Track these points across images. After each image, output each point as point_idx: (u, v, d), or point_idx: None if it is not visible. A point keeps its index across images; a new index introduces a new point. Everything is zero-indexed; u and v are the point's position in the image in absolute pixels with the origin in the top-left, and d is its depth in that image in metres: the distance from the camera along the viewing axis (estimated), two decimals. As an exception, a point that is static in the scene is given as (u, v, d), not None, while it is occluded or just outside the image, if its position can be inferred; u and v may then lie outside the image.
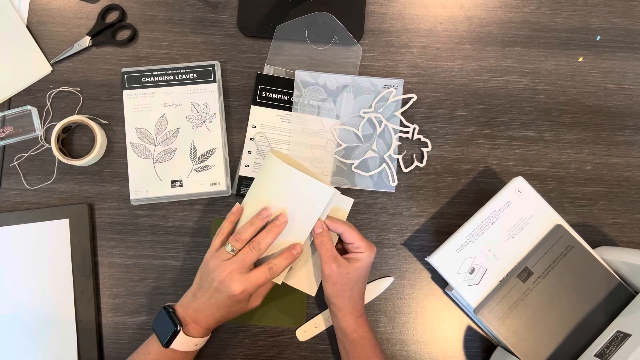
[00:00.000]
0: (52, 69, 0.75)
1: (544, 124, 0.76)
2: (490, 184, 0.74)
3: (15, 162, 0.73)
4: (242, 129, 0.74)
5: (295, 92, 0.74)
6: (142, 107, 0.73)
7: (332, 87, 0.75)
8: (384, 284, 0.71)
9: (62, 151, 0.71)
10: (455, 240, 0.64)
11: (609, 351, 0.59)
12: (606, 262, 0.65)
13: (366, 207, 0.73)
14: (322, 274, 0.63)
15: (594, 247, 0.67)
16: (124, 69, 0.74)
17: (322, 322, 0.70)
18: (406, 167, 0.74)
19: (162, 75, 0.74)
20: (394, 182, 0.73)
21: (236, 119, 0.75)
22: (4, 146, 0.74)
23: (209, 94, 0.74)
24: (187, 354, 0.61)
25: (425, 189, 0.74)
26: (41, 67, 0.75)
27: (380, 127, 0.74)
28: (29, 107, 0.73)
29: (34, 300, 0.70)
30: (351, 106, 0.75)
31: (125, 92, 0.73)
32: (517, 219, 0.65)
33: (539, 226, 0.65)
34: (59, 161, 0.72)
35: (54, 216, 0.71)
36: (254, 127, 0.74)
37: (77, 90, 0.75)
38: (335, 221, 0.63)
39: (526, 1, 0.78)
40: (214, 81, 0.74)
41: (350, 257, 0.63)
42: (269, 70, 0.76)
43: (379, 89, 0.75)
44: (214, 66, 0.74)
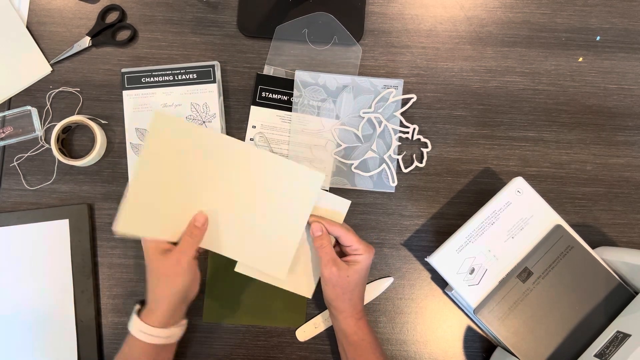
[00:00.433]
0: (52, 69, 0.75)
1: (543, 124, 0.76)
2: (490, 184, 0.74)
3: (15, 163, 0.73)
4: (242, 129, 0.74)
5: (295, 92, 0.74)
6: (142, 108, 0.73)
7: (332, 88, 0.75)
8: (384, 284, 0.71)
9: (62, 151, 0.71)
10: (455, 240, 0.64)
11: (609, 351, 0.59)
12: (606, 262, 0.65)
13: (366, 207, 0.73)
14: (322, 277, 0.63)
15: (593, 247, 0.67)
16: (123, 69, 0.74)
17: (322, 323, 0.70)
18: (406, 168, 0.74)
19: (162, 75, 0.74)
20: (393, 182, 0.73)
21: (236, 119, 0.75)
22: (4, 146, 0.74)
23: (209, 95, 0.74)
24: (159, 350, 0.60)
25: (425, 189, 0.74)
26: (41, 68, 0.75)
27: (380, 127, 0.74)
28: (29, 107, 0.73)
29: (34, 300, 0.70)
30: (351, 106, 0.75)
31: (125, 93, 0.73)
32: (517, 219, 0.65)
33: (539, 226, 0.65)
34: (59, 161, 0.72)
35: (53, 216, 0.71)
36: (254, 127, 0.74)
37: (77, 90, 0.75)
38: (332, 224, 0.63)
39: (526, 1, 0.78)
40: (214, 81, 0.74)
41: (349, 259, 0.63)
42: (268, 70, 0.76)
43: (379, 89, 0.75)
44: (213, 66, 0.74)
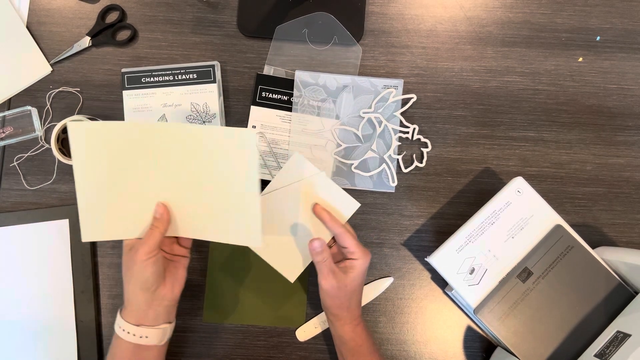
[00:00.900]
0: (52, 69, 0.75)
1: (543, 124, 0.76)
2: (490, 184, 0.74)
3: (15, 163, 0.73)
4: (242, 129, 0.74)
5: (295, 92, 0.74)
6: (142, 108, 0.73)
7: (332, 88, 0.75)
8: (384, 284, 0.71)
9: (62, 151, 0.71)
10: (455, 240, 0.64)
11: (609, 351, 0.59)
12: (606, 262, 0.65)
13: (366, 207, 0.73)
14: (320, 288, 0.61)
15: (593, 247, 0.67)
16: (124, 69, 0.74)
17: (321, 323, 0.70)
18: (406, 167, 0.74)
19: (162, 75, 0.74)
20: (393, 182, 0.73)
21: (236, 119, 0.75)
22: (4, 146, 0.74)
23: (209, 94, 0.74)
24: (139, 350, 0.59)
25: (425, 189, 0.74)
26: (41, 68, 0.75)
27: (380, 127, 0.74)
28: (29, 107, 0.73)
29: (34, 300, 0.70)
30: (351, 106, 0.75)
31: (125, 93, 0.73)
32: (517, 219, 0.65)
33: (539, 226, 0.65)
34: (59, 161, 0.72)
35: (54, 216, 0.71)
36: (254, 127, 0.74)
37: (77, 90, 0.75)
38: (334, 221, 0.62)
39: (526, 1, 0.78)
40: (214, 81, 0.74)
41: (345, 265, 0.61)
42: (269, 70, 0.76)
43: (379, 89, 0.75)
44: (213, 66, 0.74)
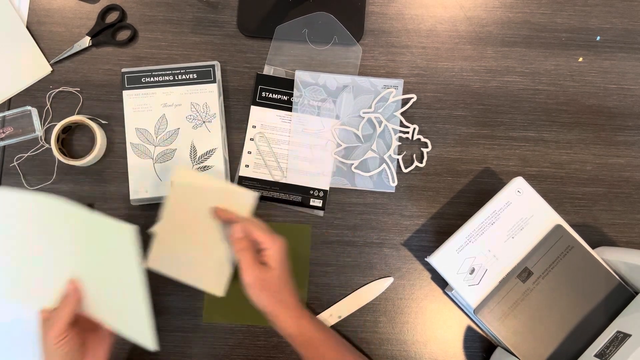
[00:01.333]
0: (52, 69, 0.75)
1: (543, 124, 0.76)
2: (490, 184, 0.74)
3: (15, 163, 0.73)
4: (242, 129, 0.74)
5: (295, 92, 0.74)
6: (142, 107, 0.73)
7: (332, 88, 0.75)
8: (384, 284, 0.71)
9: (62, 151, 0.71)
10: (455, 240, 0.64)
11: (609, 351, 0.59)
12: (606, 262, 0.65)
13: (366, 207, 0.73)
14: (244, 285, 0.58)
15: (593, 247, 0.67)
16: (124, 69, 0.74)
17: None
18: (406, 168, 0.74)
19: (162, 75, 0.74)
20: (393, 182, 0.73)
21: (236, 119, 0.75)
22: (4, 146, 0.74)
23: (209, 94, 0.74)
24: None
25: (425, 189, 0.74)
26: (41, 68, 0.75)
27: (380, 127, 0.74)
28: (29, 107, 0.73)
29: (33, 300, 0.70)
30: (351, 106, 0.75)
31: (125, 93, 0.73)
32: (517, 219, 0.65)
33: (539, 226, 0.65)
34: (59, 161, 0.72)
35: (54, 216, 0.71)
36: (254, 127, 0.74)
37: (77, 90, 0.75)
38: (234, 215, 0.60)
39: (526, 1, 0.78)
40: (214, 81, 0.74)
41: (262, 259, 0.59)
42: (269, 70, 0.76)
43: (379, 89, 0.75)
44: (214, 66, 0.74)
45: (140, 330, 0.58)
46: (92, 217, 0.57)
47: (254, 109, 0.74)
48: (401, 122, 0.75)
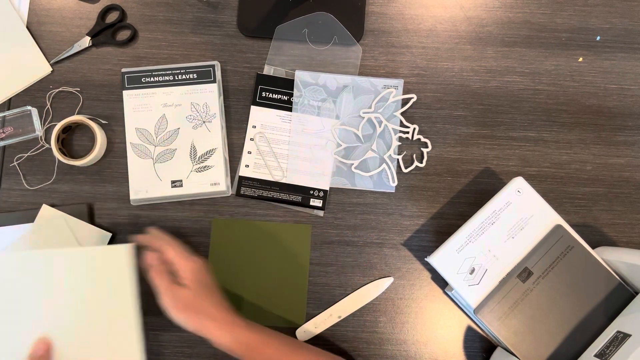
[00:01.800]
0: (52, 69, 0.75)
1: (544, 124, 0.76)
2: (490, 184, 0.74)
3: (15, 163, 0.73)
4: (242, 129, 0.74)
5: (295, 92, 0.74)
6: (142, 107, 0.73)
7: (332, 88, 0.75)
8: (384, 284, 0.71)
9: (62, 151, 0.71)
10: (455, 240, 0.64)
11: (609, 351, 0.59)
12: (606, 262, 0.65)
13: (366, 207, 0.73)
14: (165, 309, 0.57)
15: (594, 247, 0.67)
16: (124, 69, 0.74)
17: (322, 322, 0.70)
18: (406, 167, 0.74)
19: (162, 75, 0.74)
20: (394, 182, 0.73)
21: (236, 119, 0.75)
22: (4, 146, 0.74)
23: (209, 94, 0.74)
24: None
25: (425, 189, 0.74)
26: (41, 68, 0.75)
27: (380, 127, 0.74)
28: (29, 107, 0.73)
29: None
30: (351, 106, 0.75)
31: (125, 92, 0.73)
32: (517, 219, 0.65)
33: (539, 226, 0.65)
34: (59, 161, 0.72)
35: (53, 216, 0.71)
36: (254, 127, 0.74)
37: (77, 90, 0.75)
38: (153, 240, 0.60)
39: (526, 1, 0.78)
40: (214, 81, 0.74)
41: (179, 280, 0.59)
42: (269, 70, 0.76)
43: (379, 89, 0.75)
44: (214, 66, 0.74)
45: (131, 356, 0.58)
46: (80, 252, 0.59)
47: (254, 109, 0.74)
48: (401, 122, 0.75)
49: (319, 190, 0.73)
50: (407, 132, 0.74)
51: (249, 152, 0.74)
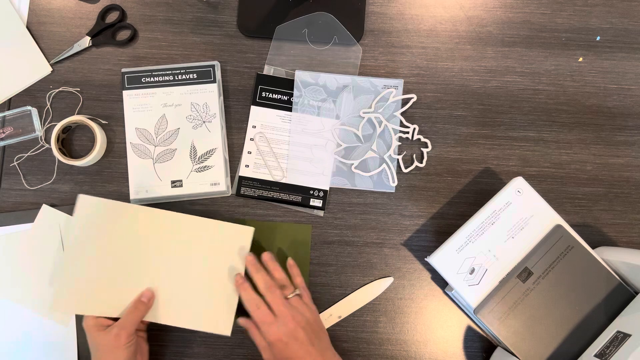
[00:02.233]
0: (52, 69, 0.75)
1: (544, 124, 0.76)
2: (490, 184, 0.74)
3: (15, 162, 0.73)
4: (242, 129, 0.74)
5: (295, 92, 0.74)
6: (142, 107, 0.73)
7: (332, 88, 0.75)
8: (384, 284, 0.71)
9: (62, 151, 0.71)
10: (455, 240, 0.64)
11: (609, 351, 0.59)
12: (606, 262, 0.65)
13: (366, 207, 0.73)
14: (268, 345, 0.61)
15: (594, 247, 0.67)
16: (124, 69, 0.74)
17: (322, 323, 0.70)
18: (406, 167, 0.74)
19: (162, 75, 0.74)
20: (393, 182, 0.73)
21: (236, 119, 0.75)
22: (4, 146, 0.74)
23: (209, 94, 0.74)
24: None
25: (425, 189, 0.74)
26: (41, 68, 0.75)
27: (380, 127, 0.74)
28: (29, 107, 0.73)
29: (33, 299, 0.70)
30: (351, 106, 0.75)
31: (125, 92, 0.73)
32: (517, 219, 0.65)
33: (539, 226, 0.65)
34: (59, 161, 0.72)
35: (53, 216, 0.71)
36: (254, 127, 0.74)
37: (77, 90, 0.75)
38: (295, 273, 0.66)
39: (526, 1, 0.78)
40: (214, 81, 0.74)
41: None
42: (269, 70, 0.76)
43: (379, 89, 0.75)
44: (214, 66, 0.74)
45: (221, 320, 0.64)
46: (208, 223, 0.65)
47: (254, 109, 0.74)
48: (401, 122, 0.75)
49: (319, 190, 0.73)
50: (407, 132, 0.74)
51: (249, 152, 0.74)
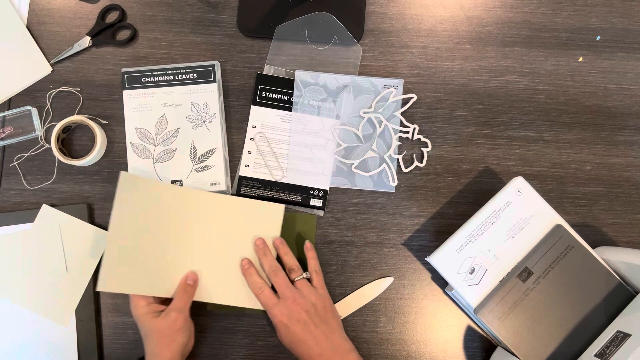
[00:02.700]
0: (52, 69, 0.75)
1: (544, 124, 0.76)
2: (490, 184, 0.74)
3: (15, 162, 0.73)
4: (242, 129, 0.74)
5: (295, 92, 0.74)
6: (142, 107, 0.73)
7: (332, 87, 0.75)
8: (384, 284, 0.71)
9: (62, 151, 0.71)
10: (455, 240, 0.64)
11: (609, 351, 0.59)
12: (606, 262, 0.65)
13: (366, 207, 0.73)
14: (280, 324, 0.62)
15: (594, 247, 0.67)
16: (124, 69, 0.74)
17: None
18: (406, 167, 0.74)
19: (162, 75, 0.74)
20: (394, 182, 0.73)
21: (236, 119, 0.75)
22: (4, 146, 0.74)
23: (209, 94, 0.74)
24: None
25: (425, 189, 0.74)
26: (41, 67, 0.75)
27: (380, 127, 0.74)
28: (29, 107, 0.73)
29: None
30: (351, 106, 0.75)
31: (125, 92, 0.73)
32: (517, 219, 0.65)
33: (539, 226, 0.65)
34: (59, 161, 0.72)
35: (53, 216, 0.71)
36: (254, 127, 0.74)
37: (77, 90, 0.75)
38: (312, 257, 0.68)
39: (526, 1, 0.78)
40: (214, 81, 0.74)
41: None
42: (269, 70, 0.76)
43: (379, 89, 0.75)
44: (214, 66, 0.74)
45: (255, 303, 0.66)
46: (242, 202, 0.68)
47: (254, 109, 0.74)
48: (401, 122, 0.75)
49: (319, 190, 0.73)
50: (407, 132, 0.74)
51: (249, 152, 0.74)
